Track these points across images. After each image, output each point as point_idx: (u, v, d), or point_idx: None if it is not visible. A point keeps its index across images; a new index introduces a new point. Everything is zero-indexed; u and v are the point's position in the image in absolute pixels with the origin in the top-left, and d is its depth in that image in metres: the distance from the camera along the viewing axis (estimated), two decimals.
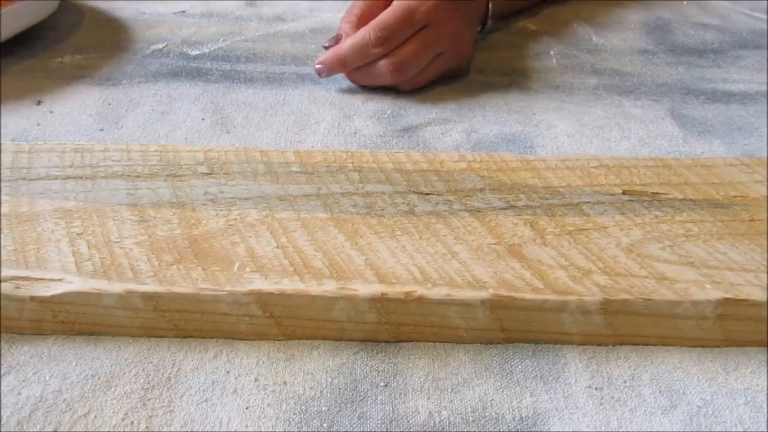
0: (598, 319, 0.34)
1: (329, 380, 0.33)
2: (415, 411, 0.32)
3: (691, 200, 0.40)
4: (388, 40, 0.52)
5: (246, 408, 0.32)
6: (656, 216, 0.39)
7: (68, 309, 0.34)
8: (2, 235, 0.36)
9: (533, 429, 0.31)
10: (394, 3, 0.53)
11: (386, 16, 0.53)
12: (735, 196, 0.41)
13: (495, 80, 0.58)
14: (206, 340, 0.35)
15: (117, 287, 0.34)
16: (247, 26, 0.66)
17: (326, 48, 0.56)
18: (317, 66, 0.55)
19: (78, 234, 0.37)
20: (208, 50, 0.62)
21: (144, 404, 0.32)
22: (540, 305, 0.34)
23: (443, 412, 0.32)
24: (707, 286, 0.34)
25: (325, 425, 0.31)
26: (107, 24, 0.66)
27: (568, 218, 0.39)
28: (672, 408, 0.32)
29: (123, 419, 0.31)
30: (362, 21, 0.55)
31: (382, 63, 0.53)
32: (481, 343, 0.35)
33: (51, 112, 0.52)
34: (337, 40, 0.55)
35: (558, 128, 0.52)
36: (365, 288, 0.34)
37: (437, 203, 0.39)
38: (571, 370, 0.34)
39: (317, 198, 0.40)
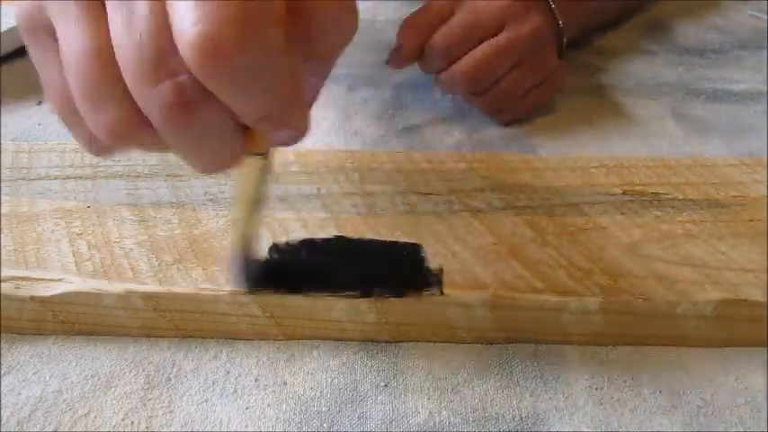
0: (598, 319, 0.34)
1: (329, 380, 0.33)
2: (415, 411, 0.32)
3: (691, 200, 0.40)
4: (453, 49, 0.48)
5: (246, 408, 0.32)
6: (656, 216, 0.39)
7: (68, 309, 0.34)
8: (2, 235, 0.36)
9: (533, 429, 0.31)
10: (460, 11, 0.49)
11: (452, 23, 0.48)
12: (735, 196, 0.41)
13: None
14: (206, 340, 0.35)
15: (117, 287, 0.34)
16: None
17: (388, 61, 0.50)
18: (390, 56, 0.50)
19: (78, 234, 0.37)
20: None
21: (144, 404, 0.32)
22: (540, 305, 0.34)
23: (443, 412, 0.32)
24: (707, 286, 0.34)
25: (325, 425, 0.31)
26: None
27: (568, 218, 0.39)
28: (672, 408, 0.32)
29: (123, 419, 0.31)
30: (423, 27, 0.49)
31: (456, 69, 0.48)
32: (481, 343, 0.35)
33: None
34: (399, 49, 0.50)
35: (559, 128, 0.52)
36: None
37: (437, 203, 0.39)
38: (571, 370, 0.34)
39: (317, 198, 0.40)
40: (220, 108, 0.24)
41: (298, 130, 0.27)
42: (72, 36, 0.24)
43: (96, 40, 0.24)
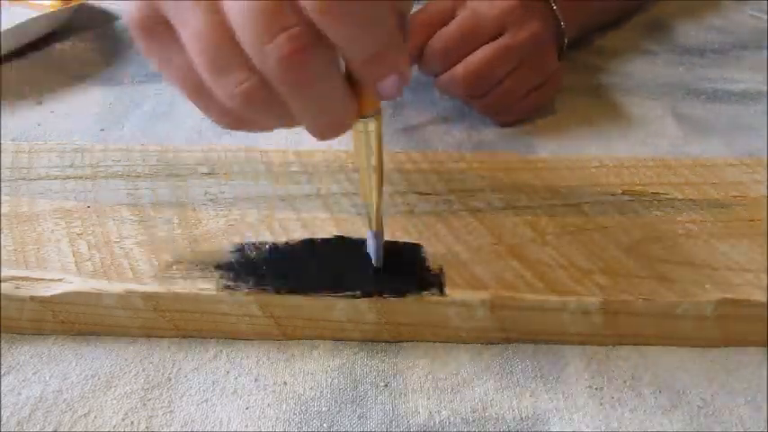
0: (598, 319, 0.34)
1: (329, 380, 0.33)
2: (415, 411, 0.32)
3: (691, 200, 0.40)
4: (451, 52, 0.48)
5: (246, 408, 0.32)
6: (656, 216, 0.39)
7: (68, 309, 0.34)
8: (2, 235, 0.36)
9: (533, 429, 0.31)
10: (461, 12, 0.49)
11: (451, 27, 0.48)
12: (735, 196, 0.41)
13: None
14: (206, 340, 0.35)
15: (117, 287, 0.34)
16: None
17: None
18: None
19: (78, 234, 0.37)
20: None
21: (144, 404, 0.32)
22: (540, 305, 0.34)
23: (443, 412, 0.32)
24: (707, 286, 0.34)
25: (325, 425, 0.31)
26: (111, 24, 0.66)
27: (568, 218, 0.39)
28: (672, 408, 0.32)
29: (123, 419, 0.31)
30: (424, 28, 0.49)
31: (454, 72, 0.48)
32: (481, 343, 0.35)
33: (52, 112, 0.53)
34: None
35: (559, 128, 0.52)
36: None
37: (437, 203, 0.39)
38: (571, 370, 0.34)
39: (317, 198, 0.40)
40: (332, 54, 0.27)
41: (402, 75, 0.28)
42: (191, 19, 0.27)
43: (213, 15, 0.27)
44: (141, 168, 0.41)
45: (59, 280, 0.34)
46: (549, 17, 0.51)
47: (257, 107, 0.28)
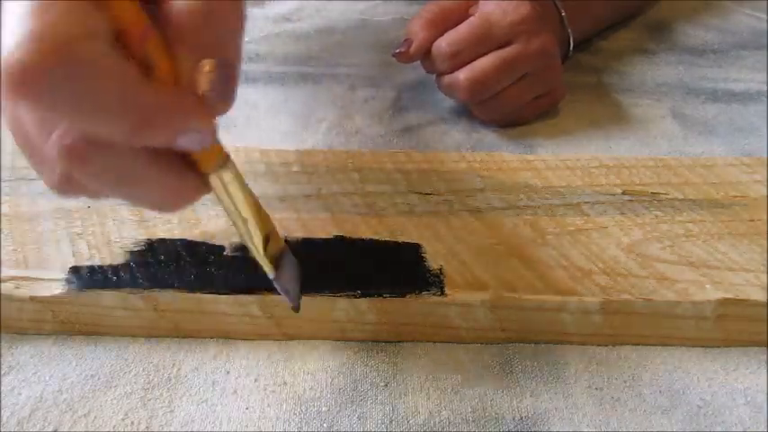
0: (598, 319, 0.34)
1: (329, 380, 0.33)
2: (415, 411, 0.32)
3: (691, 200, 0.40)
4: (459, 55, 0.48)
5: (246, 408, 0.32)
6: (656, 216, 0.39)
7: (68, 309, 0.34)
8: (2, 235, 0.36)
9: (533, 429, 0.31)
10: (473, 16, 0.49)
11: (462, 29, 0.48)
12: (735, 196, 0.41)
13: None
14: (206, 340, 0.35)
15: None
16: (252, 26, 0.66)
17: (395, 55, 0.50)
18: (398, 50, 0.50)
19: (78, 234, 0.37)
20: None
21: (144, 404, 0.32)
22: (540, 305, 0.34)
23: (443, 412, 0.32)
24: (707, 286, 0.34)
25: (325, 425, 0.31)
26: None
27: (568, 218, 0.39)
28: (672, 408, 0.32)
29: (123, 419, 0.31)
30: (434, 25, 0.49)
31: (459, 76, 0.48)
32: (481, 343, 0.35)
33: None
34: (408, 45, 0.49)
35: (559, 128, 0.52)
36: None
37: (437, 203, 0.39)
38: (571, 370, 0.34)
39: (317, 198, 0.40)
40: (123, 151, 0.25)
41: (193, 124, 0.26)
42: None
43: None
44: None
45: (59, 280, 0.34)
46: (557, 30, 0.51)
47: (75, 194, 0.28)
